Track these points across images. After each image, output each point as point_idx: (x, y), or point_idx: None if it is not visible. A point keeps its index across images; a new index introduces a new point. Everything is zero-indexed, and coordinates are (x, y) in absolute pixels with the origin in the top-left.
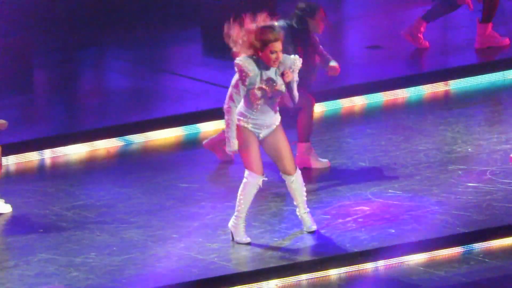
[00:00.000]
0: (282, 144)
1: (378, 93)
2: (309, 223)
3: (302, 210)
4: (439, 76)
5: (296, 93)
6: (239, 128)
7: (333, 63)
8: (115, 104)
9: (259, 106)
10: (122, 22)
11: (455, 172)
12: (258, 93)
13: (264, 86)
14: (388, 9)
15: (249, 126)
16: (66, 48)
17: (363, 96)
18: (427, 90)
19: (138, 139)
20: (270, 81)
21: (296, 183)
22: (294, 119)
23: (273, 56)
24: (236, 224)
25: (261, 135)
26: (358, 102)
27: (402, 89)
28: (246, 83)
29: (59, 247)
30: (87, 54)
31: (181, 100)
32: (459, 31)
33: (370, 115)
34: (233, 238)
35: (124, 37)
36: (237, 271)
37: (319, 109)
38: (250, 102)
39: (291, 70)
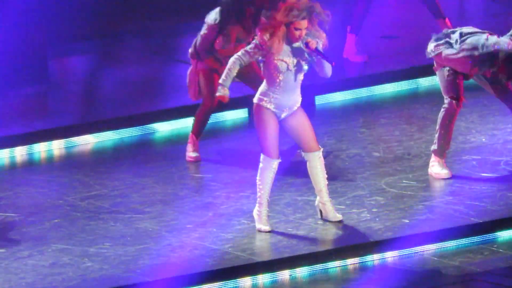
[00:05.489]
0: (304, 124)
1: (392, 83)
2: (333, 213)
3: (326, 197)
4: None
5: (326, 63)
6: (260, 108)
7: None
8: (128, 94)
9: (281, 82)
10: (137, 11)
11: (469, 162)
12: (280, 64)
13: (285, 59)
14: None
15: (271, 107)
16: (81, 38)
17: (377, 86)
18: None
19: (152, 128)
20: (292, 54)
21: (318, 162)
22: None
23: (297, 33)
24: (259, 211)
25: (282, 116)
26: (372, 92)
27: (416, 79)
28: (265, 49)
29: (73, 237)
30: (102, 44)
31: None
32: (472, 21)
33: (384, 105)
34: None
35: (138, 27)
36: (252, 261)
37: (335, 99)
38: (272, 77)
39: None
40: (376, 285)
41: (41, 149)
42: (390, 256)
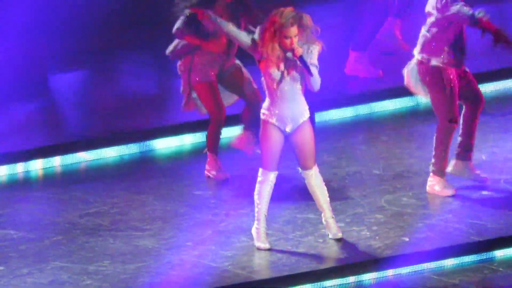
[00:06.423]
0: (307, 141)
1: (392, 100)
2: (335, 230)
3: (328, 214)
4: None
5: (315, 74)
6: (265, 123)
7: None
8: (128, 110)
9: (277, 91)
10: (137, 25)
11: (469, 180)
12: (273, 71)
13: (280, 67)
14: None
15: (274, 120)
16: (81, 53)
17: (377, 103)
18: None
19: (152, 145)
20: (286, 63)
21: (315, 178)
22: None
23: (288, 41)
24: (257, 228)
25: (288, 129)
26: (372, 109)
27: (416, 96)
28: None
29: (73, 255)
30: (102, 59)
31: None
32: (476, 36)
33: (384, 122)
34: None
35: (139, 41)
36: (251, 279)
37: (335, 116)
38: (269, 88)
39: (308, 50)
40: None
41: (40, 166)
42: (390, 274)
